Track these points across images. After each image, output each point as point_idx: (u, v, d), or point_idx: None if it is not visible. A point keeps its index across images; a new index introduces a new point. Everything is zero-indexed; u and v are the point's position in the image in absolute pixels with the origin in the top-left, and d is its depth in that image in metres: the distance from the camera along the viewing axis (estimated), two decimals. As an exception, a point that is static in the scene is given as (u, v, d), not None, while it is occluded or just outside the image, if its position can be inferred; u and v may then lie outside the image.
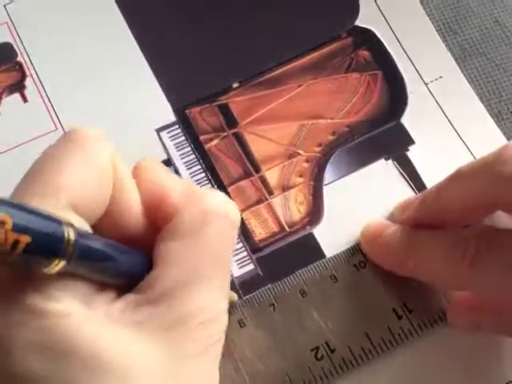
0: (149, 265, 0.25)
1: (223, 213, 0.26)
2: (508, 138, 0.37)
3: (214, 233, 0.26)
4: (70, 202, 0.23)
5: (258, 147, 0.38)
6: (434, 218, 0.33)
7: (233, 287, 0.35)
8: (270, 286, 0.34)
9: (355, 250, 0.35)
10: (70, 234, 0.22)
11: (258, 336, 0.33)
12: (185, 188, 0.27)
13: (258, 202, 0.37)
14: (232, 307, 0.33)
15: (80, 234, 0.23)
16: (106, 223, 0.25)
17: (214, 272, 0.25)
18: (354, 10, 0.41)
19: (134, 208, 0.26)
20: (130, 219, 0.26)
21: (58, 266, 0.22)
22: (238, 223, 0.28)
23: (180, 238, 0.25)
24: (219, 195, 0.27)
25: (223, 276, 0.26)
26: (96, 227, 0.25)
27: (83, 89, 0.39)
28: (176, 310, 0.24)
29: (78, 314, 0.22)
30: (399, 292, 0.34)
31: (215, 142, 0.38)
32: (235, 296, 0.33)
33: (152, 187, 0.26)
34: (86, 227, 0.24)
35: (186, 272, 0.25)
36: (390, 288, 0.34)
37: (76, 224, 0.23)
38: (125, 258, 0.25)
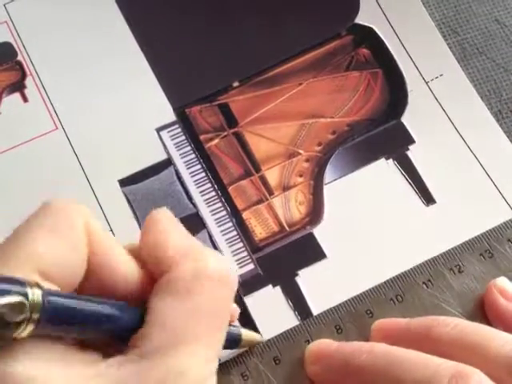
0: (140, 319, 0.25)
1: (217, 277, 0.26)
2: (508, 137, 0.37)
3: (204, 295, 0.25)
4: (38, 270, 0.23)
5: (258, 147, 0.38)
6: None
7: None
8: (304, 321, 0.34)
9: (392, 284, 0.34)
10: (36, 297, 0.21)
11: (293, 372, 0.32)
12: (185, 245, 0.26)
13: (258, 201, 0.37)
14: (267, 344, 0.33)
15: (52, 293, 0.22)
16: (87, 287, 0.25)
17: (203, 334, 0.25)
18: (354, 8, 0.41)
19: (118, 268, 0.26)
20: (116, 279, 0.26)
21: (26, 330, 0.21)
22: (234, 287, 0.27)
23: (169, 296, 0.25)
24: (217, 259, 0.27)
25: (213, 338, 0.26)
26: (77, 290, 0.25)
27: (83, 88, 0.39)
28: (159, 370, 0.24)
29: (45, 376, 0.22)
30: None
31: (215, 141, 0.38)
32: (258, 337, 0.33)
33: (153, 241, 0.26)
34: None
35: (172, 333, 0.24)
36: None
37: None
38: (110, 315, 0.24)
